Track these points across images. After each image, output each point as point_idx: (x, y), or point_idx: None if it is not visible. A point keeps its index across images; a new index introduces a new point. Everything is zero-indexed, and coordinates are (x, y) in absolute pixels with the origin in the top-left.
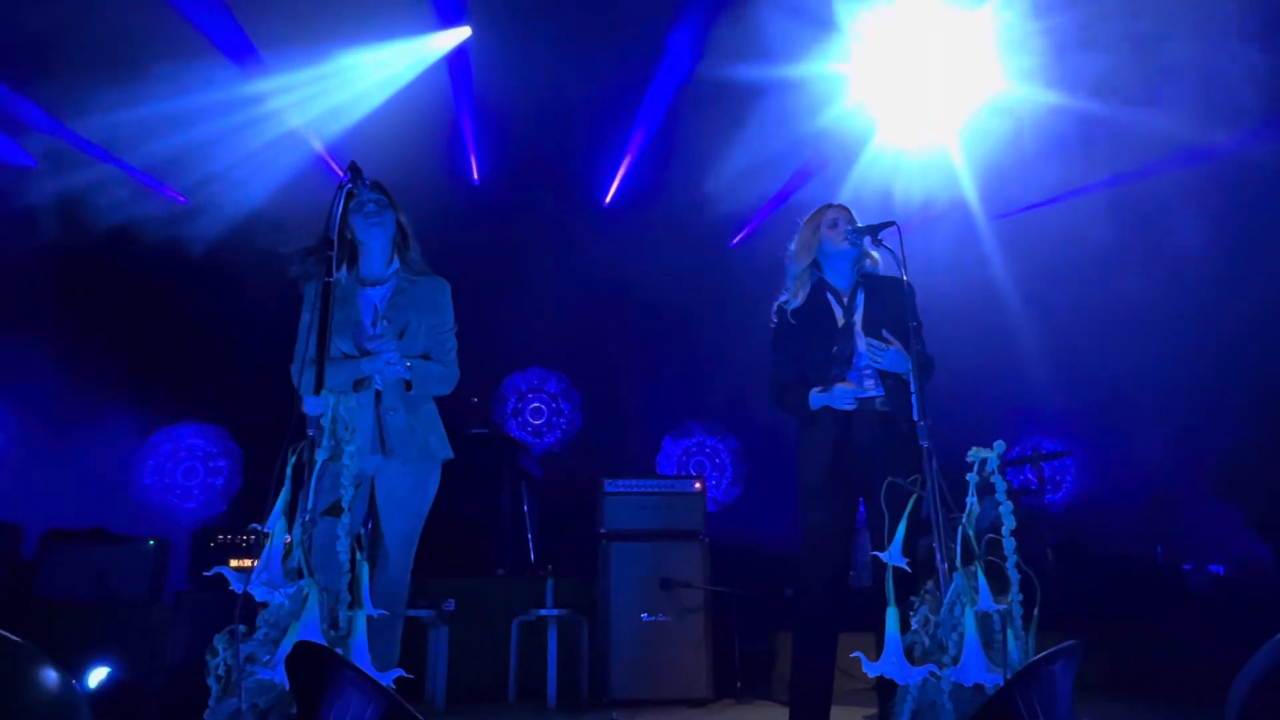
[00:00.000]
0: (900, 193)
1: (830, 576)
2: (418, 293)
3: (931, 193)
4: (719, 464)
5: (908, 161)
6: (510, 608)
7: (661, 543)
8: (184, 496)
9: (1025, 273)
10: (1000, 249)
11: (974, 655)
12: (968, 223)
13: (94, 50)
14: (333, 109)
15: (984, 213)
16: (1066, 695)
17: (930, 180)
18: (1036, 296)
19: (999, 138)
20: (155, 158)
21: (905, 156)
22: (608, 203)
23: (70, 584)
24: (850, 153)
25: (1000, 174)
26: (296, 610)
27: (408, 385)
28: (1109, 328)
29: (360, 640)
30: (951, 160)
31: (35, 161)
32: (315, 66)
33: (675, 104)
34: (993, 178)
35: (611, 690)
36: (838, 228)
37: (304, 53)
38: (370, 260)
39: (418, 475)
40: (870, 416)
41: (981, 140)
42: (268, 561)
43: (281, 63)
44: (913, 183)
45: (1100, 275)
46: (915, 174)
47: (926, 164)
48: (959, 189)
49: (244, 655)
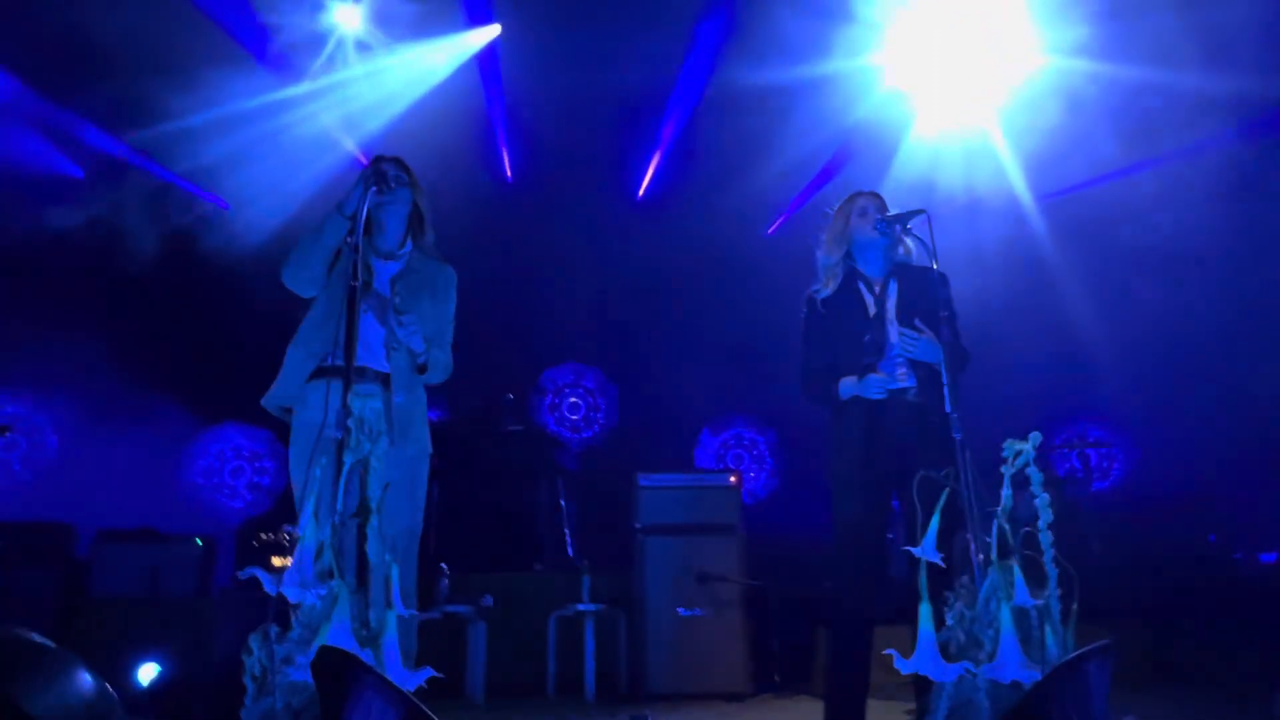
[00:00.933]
0: (943, 177)
1: (865, 570)
2: (427, 276)
3: (975, 175)
4: (757, 456)
5: (949, 146)
6: (548, 603)
7: (697, 537)
8: (231, 496)
9: (1075, 255)
10: (1050, 231)
11: (1010, 651)
12: (1014, 205)
13: (138, 62)
14: (366, 110)
15: (1032, 194)
16: (1102, 693)
17: (974, 163)
18: (1088, 280)
19: (1045, 115)
20: (196, 164)
21: (946, 141)
22: (641, 196)
23: (122, 582)
24: (889, 138)
25: (1048, 153)
26: (328, 611)
27: (421, 369)
28: (1163, 311)
29: (391, 639)
30: (995, 142)
31: (82, 172)
32: (348, 68)
33: (706, 96)
34: (1041, 157)
35: (649, 684)
36: (868, 216)
37: (336, 55)
38: (384, 235)
39: (415, 467)
40: (903, 408)
41: (1027, 119)
42: (299, 563)
43: (314, 66)
44: (955, 167)
45: (1158, 257)
46: (957, 158)
47: (969, 147)
48: (1004, 171)
49: (280, 655)
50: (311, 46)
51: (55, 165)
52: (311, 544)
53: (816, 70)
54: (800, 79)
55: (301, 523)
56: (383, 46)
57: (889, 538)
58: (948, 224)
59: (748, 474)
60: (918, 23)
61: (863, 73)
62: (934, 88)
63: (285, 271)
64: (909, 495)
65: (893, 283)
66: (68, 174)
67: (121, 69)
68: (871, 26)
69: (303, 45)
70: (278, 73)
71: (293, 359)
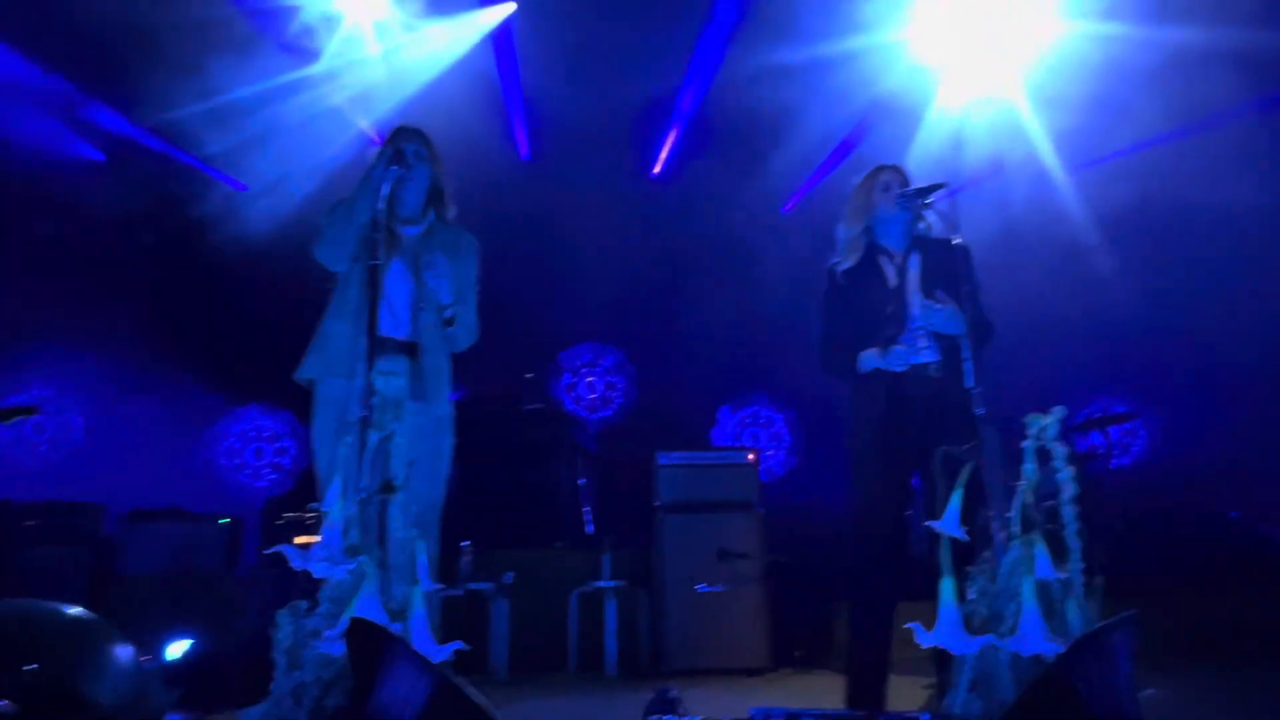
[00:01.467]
0: (968, 150)
1: (885, 545)
2: (449, 240)
3: (1000, 147)
4: (775, 434)
5: (975, 118)
6: (568, 580)
7: (716, 514)
8: (254, 475)
9: (1102, 228)
10: (1077, 203)
11: (1033, 625)
12: (1041, 176)
13: (154, 48)
14: (381, 90)
15: (1060, 165)
16: (1127, 665)
17: (999, 135)
18: (1114, 253)
19: (1075, 83)
20: (215, 147)
21: (972, 113)
22: (656, 174)
23: (150, 560)
24: (912, 112)
25: (1078, 123)
26: (355, 586)
27: (448, 322)
28: (1187, 282)
29: (419, 614)
30: (1022, 112)
31: (104, 155)
32: (363, 48)
33: (723, 72)
34: (1070, 127)
35: (670, 660)
36: (890, 190)
37: (350, 35)
38: (404, 208)
39: (440, 432)
40: (924, 382)
41: (1055, 88)
42: (326, 539)
43: (330, 47)
44: (980, 139)
45: (1187, 227)
46: (983, 129)
47: (995, 119)
48: (1030, 142)
49: (308, 630)
50: (327, 27)
51: (76, 149)
52: (338, 521)
53: (837, 45)
54: (820, 53)
55: (328, 500)
56: (398, 26)
57: (908, 514)
58: (972, 197)
59: (765, 452)
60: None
61: (885, 47)
62: (959, 58)
63: (319, 249)
64: (930, 471)
65: (914, 255)
66: (89, 157)
67: (139, 53)
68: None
69: (318, 26)
70: (293, 54)
71: (336, 331)
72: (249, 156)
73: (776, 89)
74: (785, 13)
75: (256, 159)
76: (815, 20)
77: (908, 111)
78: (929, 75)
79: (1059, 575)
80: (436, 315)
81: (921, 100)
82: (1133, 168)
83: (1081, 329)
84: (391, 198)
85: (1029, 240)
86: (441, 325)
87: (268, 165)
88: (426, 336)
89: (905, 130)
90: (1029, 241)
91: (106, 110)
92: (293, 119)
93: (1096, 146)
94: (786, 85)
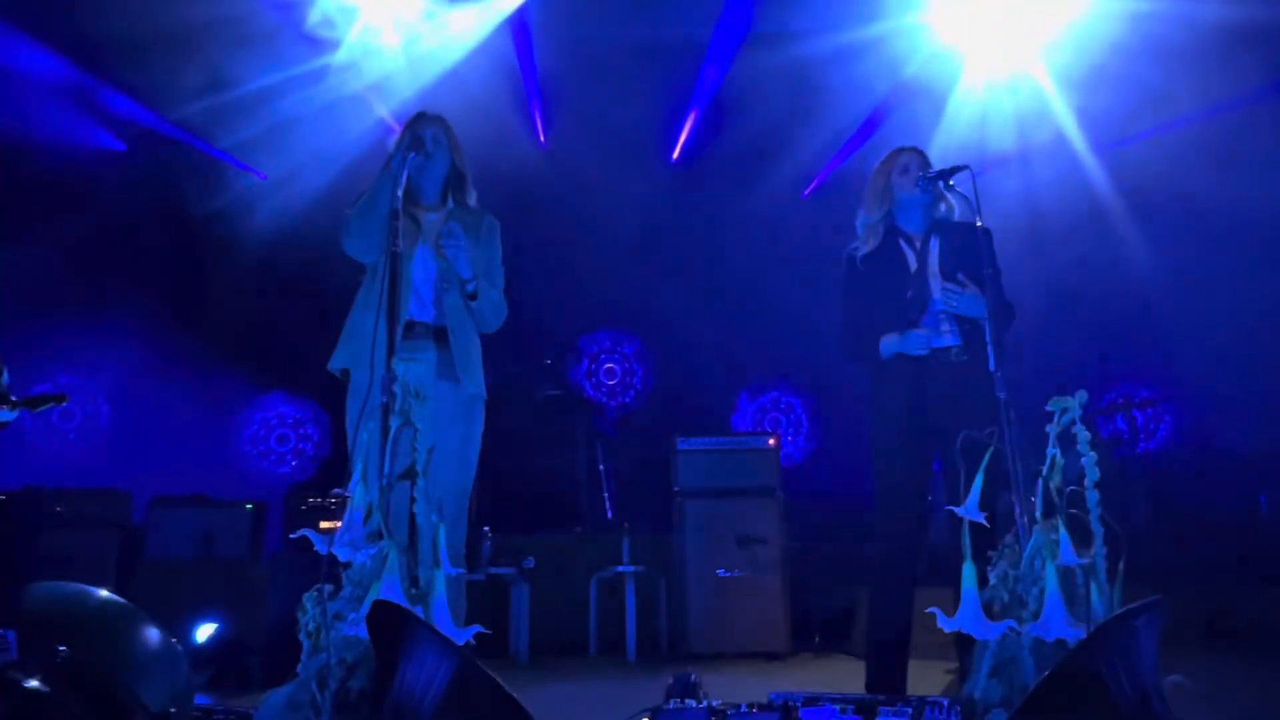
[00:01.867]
0: (992, 132)
1: (905, 530)
2: (470, 222)
3: (1026, 128)
4: (794, 420)
5: (999, 99)
6: (589, 565)
7: (736, 499)
8: (278, 462)
9: (1130, 208)
10: (1107, 183)
11: (1055, 610)
12: (1068, 156)
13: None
14: (398, 77)
15: (1086, 145)
16: (1151, 651)
17: (1025, 115)
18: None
19: (1104, 60)
20: (237, 137)
21: (996, 94)
22: (675, 159)
23: (177, 545)
24: (934, 94)
25: (1106, 101)
26: (378, 570)
27: (471, 296)
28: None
29: (440, 598)
30: (1048, 92)
31: (125, 145)
32: (380, 36)
33: (742, 56)
34: (1098, 106)
35: (689, 645)
36: (909, 173)
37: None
38: (424, 195)
39: (471, 412)
40: (946, 367)
41: (1083, 66)
42: (349, 524)
43: (348, 35)
44: (1005, 120)
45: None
46: (1008, 110)
47: (1019, 99)
48: (1057, 122)
49: (332, 613)
50: (345, 17)
51: (98, 139)
52: (361, 506)
53: (857, 28)
54: (839, 37)
55: (351, 485)
56: (415, 13)
57: (929, 499)
58: (997, 178)
59: (785, 438)
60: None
61: (906, 29)
62: (983, 39)
63: (346, 242)
64: (951, 455)
65: (934, 239)
66: (111, 147)
67: (159, 45)
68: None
69: (337, 16)
70: (312, 44)
71: (364, 321)
72: (269, 146)
73: (796, 73)
74: None
75: (277, 148)
76: (835, 3)
77: (931, 93)
78: (952, 57)
79: (1082, 560)
80: (461, 295)
81: (945, 82)
82: (1159, 148)
83: (1107, 311)
84: (411, 184)
85: (1053, 222)
86: (467, 305)
87: (288, 154)
88: (453, 318)
89: (928, 113)
90: (1053, 223)
91: (128, 101)
92: (312, 107)
93: (1123, 127)
94: (806, 69)
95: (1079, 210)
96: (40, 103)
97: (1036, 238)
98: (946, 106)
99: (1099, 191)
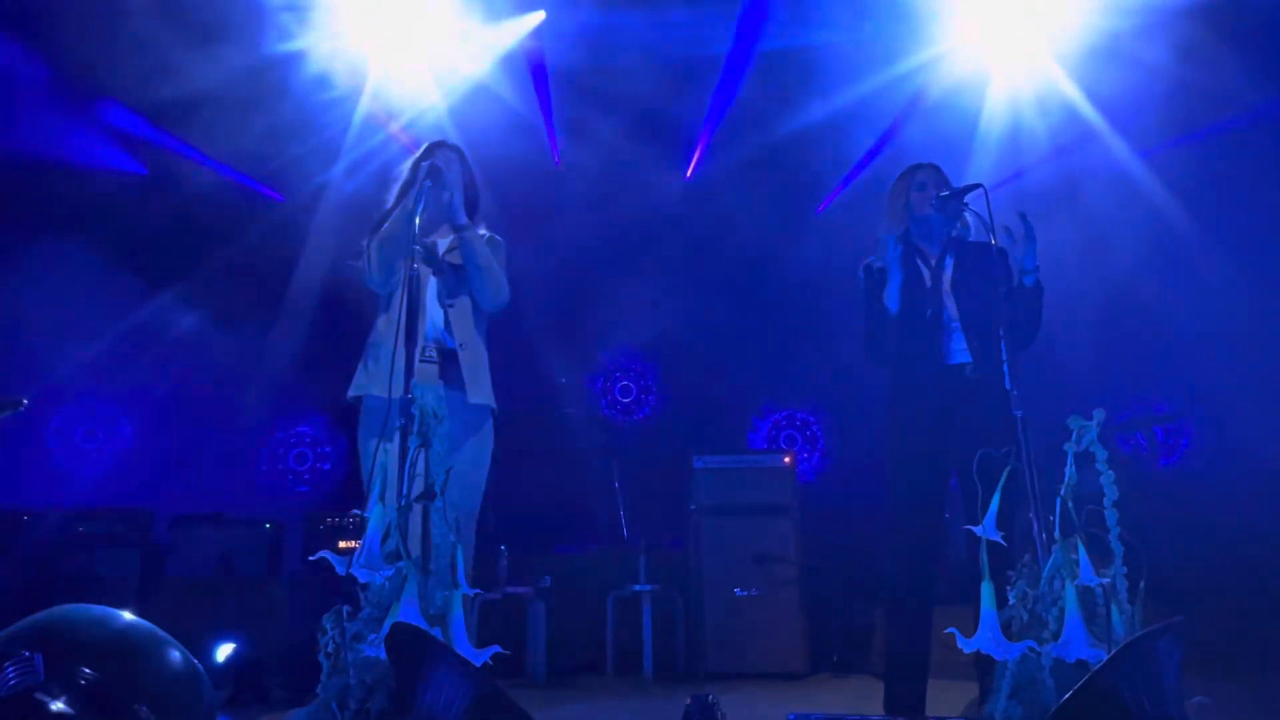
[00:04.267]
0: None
1: (923, 549)
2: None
3: (1048, 138)
4: (810, 438)
5: (1020, 111)
6: (605, 583)
7: (753, 517)
8: (296, 481)
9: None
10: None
11: (1076, 630)
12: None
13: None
14: (413, 100)
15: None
16: (1173, 673)
17: (1052, 119)
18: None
19: (1123, 69)
20: (248, 157)
21: (1016, 106)
22: (689, 177)
23: (197, 565)
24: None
25: (1133, 110)
26: (396, 591)
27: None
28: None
29: (458, 619)
30: (1072, 99)
31: (146, 169)
32: (396, 59)
33: (754, 74)
34: (1123, 115)
35: (707, 664)
36: (926, 191)
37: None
38: (436, 221)
39: (477, 449)
40: (961, 385)
41: (1106, 75)
42: (367, 545)
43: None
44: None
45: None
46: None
47: (1041, 108)
48: (1078, 131)
49: (351, 634)
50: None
51: (118, 160)
52: (378, 527)
53: (873, 45)
54: (855, 55)
55: (369, 507)
56: (431, 37)
57: (945, 518)
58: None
59: (801, 455)
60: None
61: (924, 50)
62: (1008, 50)
63: (371, 280)
64: (968, 474)
65: (949, 256)
66: (131, 170)
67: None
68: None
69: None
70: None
71: (381, 348)
72: (288, 169)
73: (809, 90)
74: (817, 12)
75: (294, 171)
76: (846, 20)
77: (945, 110)
78: (972, 70)
79: (1102, 580)
80: (468, 304)
81: (964, 98)
82: (1180, 161)
83: (1125, 324)
84: (425, 211)
85: (1070, 237)
86: (475, 315)
87: (305, 177)
88: (458, 324)
89: (942, 131)
90: (1070, 238)
91: (149, 125)
92: (328, 131)
93: (1141, 141)
94: (819, 87)
95: (1094, 224)
96: (63, 123)
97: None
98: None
99: (1114, 206)
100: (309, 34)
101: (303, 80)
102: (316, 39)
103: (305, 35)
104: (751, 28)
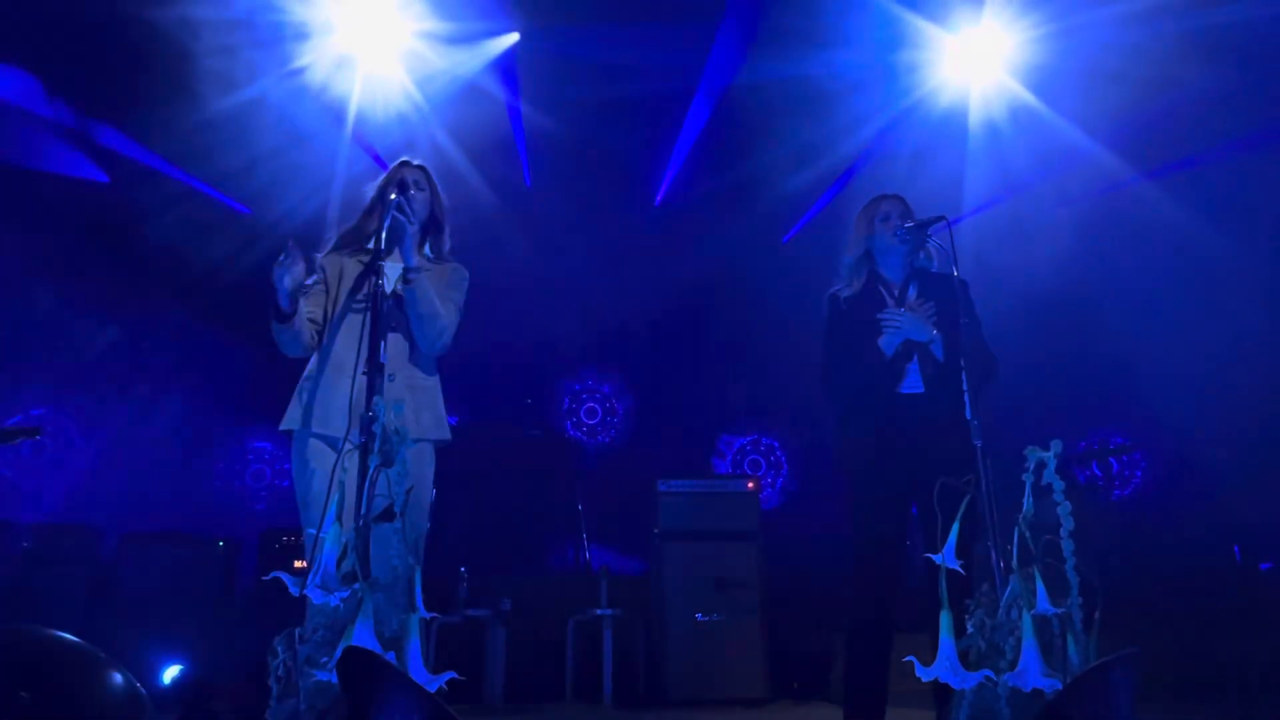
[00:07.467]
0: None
1: (883, 577)
2: (437, 273)
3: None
4: (774, 462)
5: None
6: (566, 607)
7: (716, 542)
8: (252, 499)
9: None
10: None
11: (1032, 659)
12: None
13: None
14: (384, 118)
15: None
16: (1127, 703)
17: (1008, 153)
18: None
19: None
20: (216, 170)
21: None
22: (659, 202)
23: (147, 583)
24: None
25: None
26: (351, 613)
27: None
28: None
29: (414, 643)
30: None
31: (108, 177)
32: (367, 77)
33: (724, 101)
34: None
35: (667, 690)
36: (890, 221)
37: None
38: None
39: (420, 467)
40: (916, 413)
41: (1074, 99)
42: (322, 566)
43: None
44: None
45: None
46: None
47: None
48: (1039, 161)
49: (303, 657)
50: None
51: (82, 169)
52: (333, 548)
53: (841, 73)
54: (824, 85)
55: (324, 527)
56: (404, 56)
57: (907, 544)
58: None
59: (765, 480)
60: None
61: (896, 71)
62: (976, 75)
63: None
64: (927, 503)
65: (912, 286)
66: (93, 178)
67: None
68: (901, 23)
69: (323, 54)
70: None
71: (320, 380)
72: (251, 181)
73: (778, 118)
74: (789, 40)
75: (259, 184)
76: (817, 49)
77: (910, 140)
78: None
79: (1058, 610)
80: (406, 343)
81: (932, 128)
82: (1133, 198)
83: (1081, 359)
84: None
85: (1027, 268)
86: (412, 353)
87: (270, 190)
88: (394, 360)
89: (902, 163)
90: (1027, 269)
91: (113, 132)
92: (295, 145)
93: (1096, 180)
94: (788, 114)
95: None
96: (25, 131)
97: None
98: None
99: (1072, 239)
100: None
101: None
102: (294, 52)
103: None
104: (725, 59)
